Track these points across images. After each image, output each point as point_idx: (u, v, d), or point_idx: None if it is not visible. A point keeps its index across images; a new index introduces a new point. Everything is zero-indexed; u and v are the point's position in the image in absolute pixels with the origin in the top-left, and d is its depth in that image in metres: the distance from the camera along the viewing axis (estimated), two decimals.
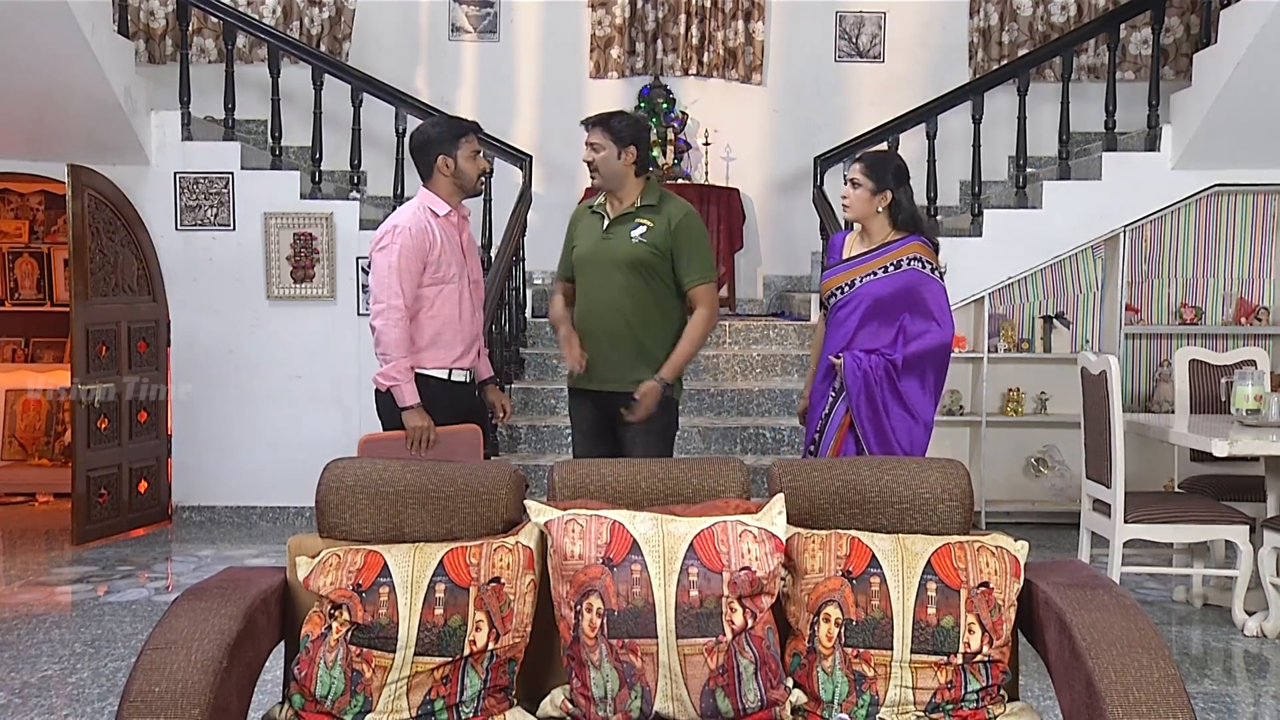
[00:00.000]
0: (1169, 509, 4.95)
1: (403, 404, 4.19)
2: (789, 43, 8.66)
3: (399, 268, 4.18)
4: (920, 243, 4.22)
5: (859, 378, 4.16)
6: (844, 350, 4.24)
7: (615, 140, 4.28)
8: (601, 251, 4.35)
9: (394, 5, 8.56)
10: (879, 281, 4.20)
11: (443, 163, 4.29)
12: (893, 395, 4.17)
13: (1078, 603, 2.67)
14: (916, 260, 4.19)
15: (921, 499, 2.97)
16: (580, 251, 4.43)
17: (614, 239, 4.33)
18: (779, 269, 8.64)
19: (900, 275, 4.18)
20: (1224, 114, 6.39)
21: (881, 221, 4.26)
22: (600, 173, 4.32)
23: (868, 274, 4.22)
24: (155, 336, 6.90)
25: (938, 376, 4.25)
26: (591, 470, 3.05)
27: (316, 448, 4.95)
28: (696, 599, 2.59)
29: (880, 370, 4.16)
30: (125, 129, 6.62)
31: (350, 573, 2.70)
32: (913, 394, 4.18)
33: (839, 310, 4.29)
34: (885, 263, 4.21)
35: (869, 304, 4.20)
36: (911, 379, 4.18)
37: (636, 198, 4.35)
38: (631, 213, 4.33)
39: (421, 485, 2.97)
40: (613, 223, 4.35)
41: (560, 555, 2.66)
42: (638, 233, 4.29)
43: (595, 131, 4.32)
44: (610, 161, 4.29)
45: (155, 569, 6.01)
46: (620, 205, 4.36)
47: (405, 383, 4.20)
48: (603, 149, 4.29)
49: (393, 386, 4.20)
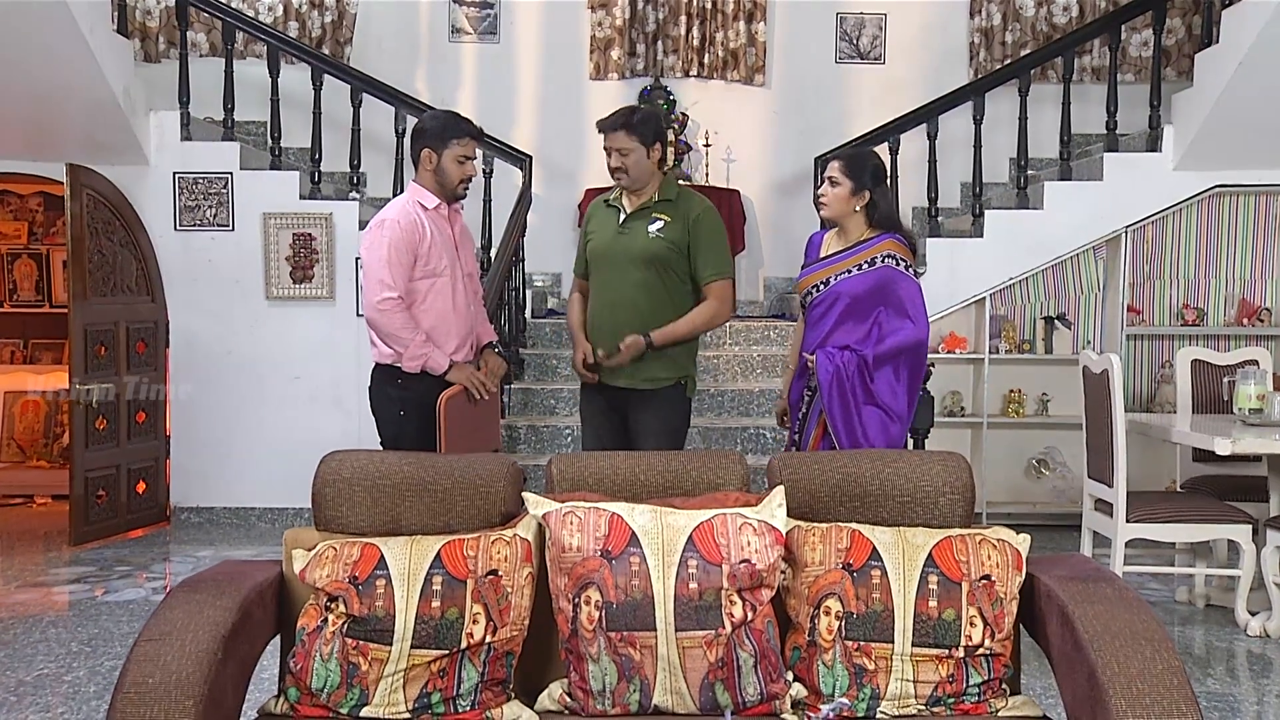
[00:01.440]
0: (1171, 508, 4.93)
1: (440, 371, 4.23)
2: (790, 44, 8.64)
3: (389, 260, 4.16)
4: (895, 240, 4.20)
5: (830, 374, 4.13)
6: (819, 348, 4.21)
7: (642, 140, 4.21)
8: (617, 246, 4.30)
9: (394, 7, 8.55)
10: (853, 279, 4.17)
11: (426, 156, 4.27)
12: (864, 392, 4.13)
13: (1080, 595, 2.64)
14: (891, 258, 4.16)
15: (923, 492, 2.95)
16: (596, 246, 4.38)
17: (630, 234, 4.29)
18: (780, 271, 8.61)
19: (874, 272, 4.15)
20: (1226, 114, 6.38)
21: (858, 220, 4.23)
22: (630, 175, 4.24)
23: (842, 272, 4.20)
24: (154, 337, 6.88)
25: (912, 374, 4.21)
26: (590, 463, 3.03)
27: (316, 449, 4.88)
28: (696, 591, 2.57)
29: (852, 366, 4.12)
30: (124, 129, 6.61)
31: (346, 565, 2.69)
32: (885, 391, 4.14)
33: (815, 308, 4.27)
34: (860, 260, 4.19)
35: (844, 302, 4.17)
36: (884, 375, 4.13)
37: (654, 192, 4.31)
38: (649, 207, 4.29)
39: (418, 478, 2.95)
40: (629, 217, 4.30)
41: (558, 548, 2.65)
42: (654, 227, 4.26)
43: (618, 135, 4.21)
44: (641, 163, 4.23)
45: (153, 569, 5.98)
46: (638, 200, 4.31)
47: (431, 353, 4.22)
48: (631, 151, 4.20)
49: (424, 364, 4.21)
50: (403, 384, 4.26)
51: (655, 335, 4.23)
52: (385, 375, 4.32)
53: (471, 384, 4.28)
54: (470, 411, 4.31)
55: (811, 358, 4.20)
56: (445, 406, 4.19)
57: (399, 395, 4.29)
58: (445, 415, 4.17)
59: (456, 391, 4.25)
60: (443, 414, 4.17)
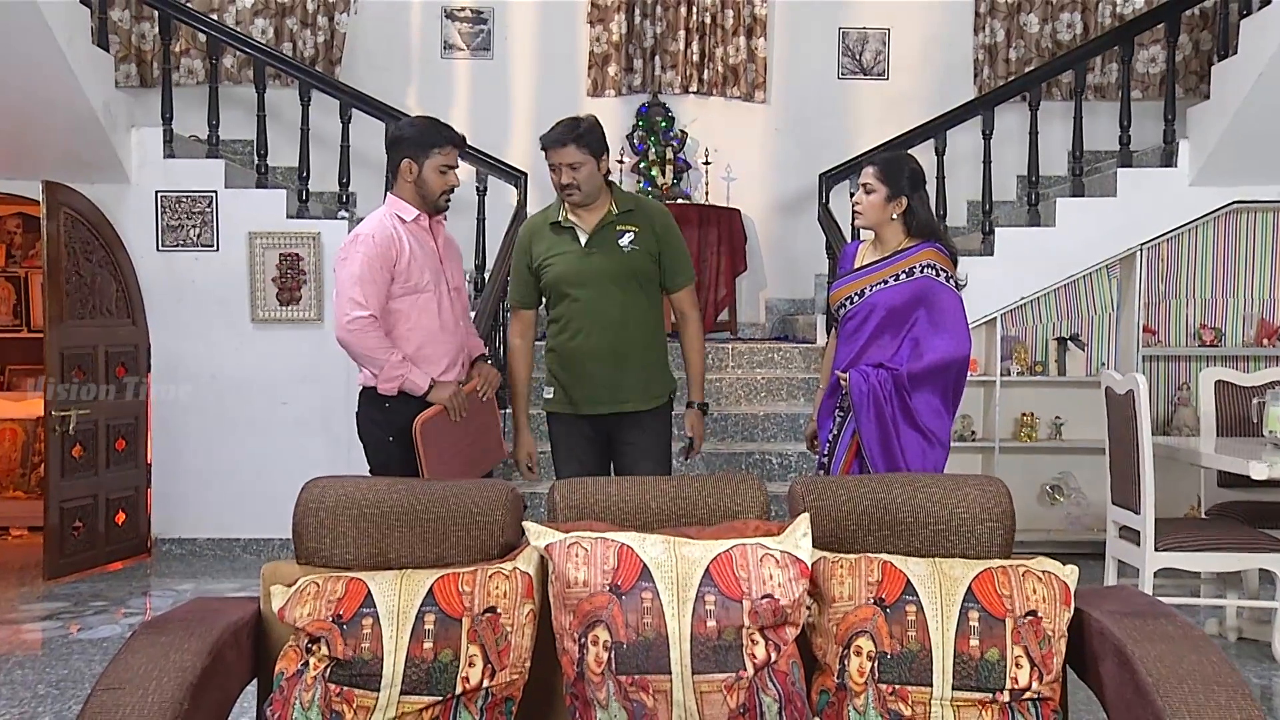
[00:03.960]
0: (1203, 536, 4.70)
1: (420, 392, 3.98)
2: (791, 60, 8.49)
3: (361, 277, 3.92)
4: (935, 249, 3.97)
5: (865, 394, 3.89)
6: (852, 365, 3.98)
7: (592, 152, 3.99)
8: (590, 268, 4.05)
9: (385, 23, 8.38)
10: (890, 290, 3.94)
11: (407, 166, 4.03)
12: (903, 413, 3.88)
13: (1139, 633, 2.41)
14: (930, 268, 3.93)
15: (959, 519, 2.73)
16: (562, 272, 4.09)
17: (602, 252, 4.05)
18: (782, 292, 8.44)
19: (913, 283, 3.92)
20: (1244, 127, 6.20)
21: (895, 229, 4.01)
22: (583, 190, 4.00)
23: (879, 283, 3.97)
24: (135, 361, 6.63)
25: (954, 394, 3.97)
26: (596, 489, 2.81)
27: (303, 477, 4.67)
28: (714, 630, 2.37)
29: (889, 386, 3.88)
30: (104, 145, 6.38)
31: (330, 603, 2.50)
32: (925, 411, 3.89)
33: (848, 322, 4.03)
34: (897, 270, 3.95)
35: (880, 314, 3.94)
36: (924, 395, 3.88)
37: (609, 205, 4.08)
38: (611, 221, 4.06)
39: (408, 506, 2.73)
40: (593, 237, 4.06)
41: (562, 582, 2.44)
42: (626, 241, 4.03)
43: (568, 150, 3.95)
44: (594, 176, 4.01)
45: (131, 604, 5.71)
46: (594, 217, 4.06)
47: (409, 373, 3.98)
48: (582, 164, 3.96)
49: (401, 385, 3.97)
50: (389, 408, 4.01)
51: (695, 393, 4.30)
52: (370, 399, 4.07)
53: (451, 405, 4.02)
54: (455, 431, 4.06)
55: (844, 376, 3.96)
56: (422, 430, 3.93)
57: (385, 420, 4.03)
58: (423, 438, 3.93)
59: (435, 413, 3.99)
60: (419, 437, 3.92)
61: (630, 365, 4.07)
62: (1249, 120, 6.15)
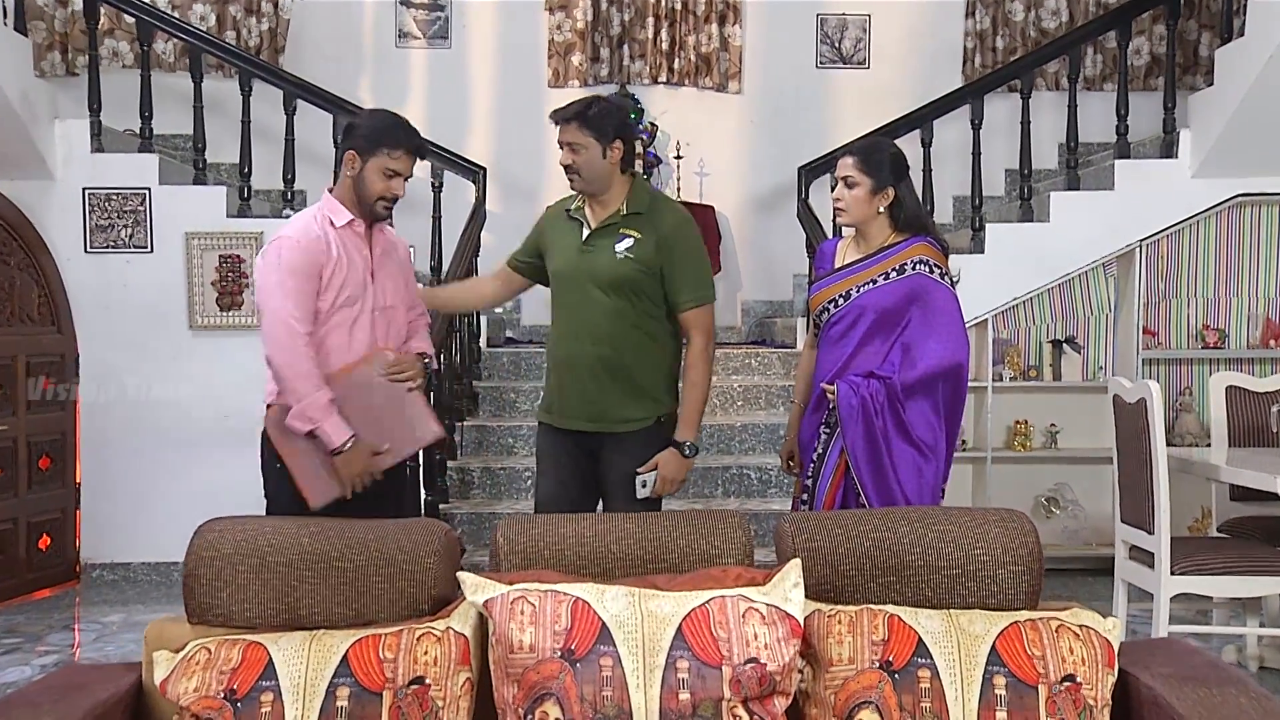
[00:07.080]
0: (1222, 557, 4.31)
1: (332, 447, 3.41)
2: (767, 48, 8.13)
3: (284, 286, 3.42)
4: (926, 243, 3.58)
5: (855, 408, 3.49)
6: (839, 376, 3.56)
7: (598, 135, 3.54)
8: (581, 267, 3.63)
9: (334, 9, 7.97)
10: (879, 290, 3.55)
11: (350, 158, 3.51)
12: (896, 426, 3.49)
13: (1203, 706, 2.01)
14: (923, 264, 3.54)
15: (977, 562, 2.33)
16: (558, 266, 3.72)
17: (595, 253, 3.61)
18: (759, 294, 8.07)
19: (904, 281, 3.53)
20: (1250, 116, 5.85)
21: (881, 223, 3.61)
22: (583, 176, 3.58)
23: (865, 282, 3.58)
24: (61, 372, 6.16)
25: (951, 403, 3.57)
26: (547, 529, 2.37)
27: (246, 496, 4.26)
28: (688, 704, 2.03)
29: (881, 398, 3.48)
30: (22, 138, 5.90)
31: (222, 674, 2.12)
32: (921, 424, 3.50)
33: (833, 327, 3.63)
34: (886, 268, 3.57)
35: (870, 318, 3.55)
36: (918, 406, 3.50)
37: (621, 203, 3.63)
38: (616, 222, 3.62)
39: (321, 552, 2.30)
40: (594, 233, 3.64)
41: (505, 646, 2.07)
42: (623, 246, 3.58)
43: (570, 128, 3.57)
44: (595, 162, 3.56)
45: (50, 640, 5.23)
46: (603, 212, 3.64)
47: (326, 419, 3.40)
48: (584, 148, 3.55)
49: (314, 429, 3.45)
50: None
51: (683, 432, 3.64)
52: None
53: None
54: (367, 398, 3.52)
55: (831, 389, 3.54)
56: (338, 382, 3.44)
57: None
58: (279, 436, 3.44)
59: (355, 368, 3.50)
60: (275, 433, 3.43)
61: (607, 380, 3.61)
62: (1256, 107, 5.80)
